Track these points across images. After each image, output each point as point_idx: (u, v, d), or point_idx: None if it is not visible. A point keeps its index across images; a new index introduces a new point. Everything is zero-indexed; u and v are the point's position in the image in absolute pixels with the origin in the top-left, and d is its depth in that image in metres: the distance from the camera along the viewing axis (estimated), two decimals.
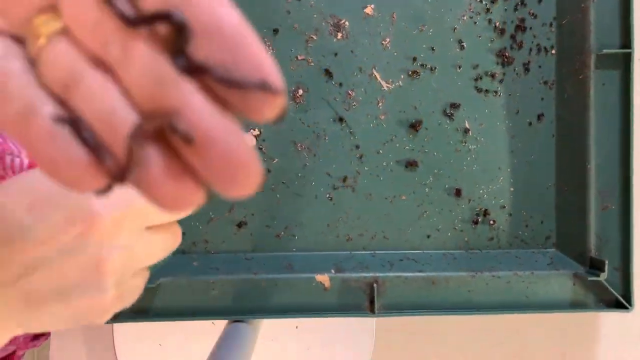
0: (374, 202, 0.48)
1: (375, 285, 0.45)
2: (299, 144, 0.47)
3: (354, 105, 0.47)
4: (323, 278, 0.45)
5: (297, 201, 0.47)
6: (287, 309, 0.45)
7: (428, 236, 0.48)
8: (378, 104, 0.48)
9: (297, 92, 0.47)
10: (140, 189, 0.13)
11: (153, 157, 0.12)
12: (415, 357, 0.93)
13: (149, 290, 0.44)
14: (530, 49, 0.48)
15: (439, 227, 0.48)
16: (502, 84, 0.48)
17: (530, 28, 0.48)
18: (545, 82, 0.48)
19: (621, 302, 0.45)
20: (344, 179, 0.48)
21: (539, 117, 0.48)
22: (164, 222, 0.26)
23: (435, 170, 0.48)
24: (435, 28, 0.47)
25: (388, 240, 0.48)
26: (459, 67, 0.48)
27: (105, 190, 0.13)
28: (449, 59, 0.48)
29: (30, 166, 0.32)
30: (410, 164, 0.48)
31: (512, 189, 0.49)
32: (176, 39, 0.12)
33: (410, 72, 0.47)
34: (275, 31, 0.47)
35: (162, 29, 0.12)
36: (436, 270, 0.46)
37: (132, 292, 0.26)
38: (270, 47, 0.47)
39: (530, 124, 0.48)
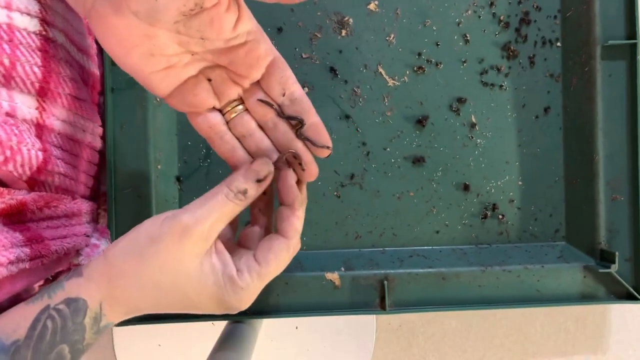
0: (382, 199, 0.48)
1: (385, 282, 0.45)
2: None
3: (360, 102, 0.47)
4: (333, 276, 0.45)
5: None
6: (297, 308, 0.45)
7: (437, 232, 0.48)
8: (384, 100, 0.47)
9: None
10: (278, 178, 0.32)
11: (284, 167, 0.32)
12: (416, 357, 0.93)
13: None
14: (535, 42, 0.48)
15: (447, 223, 0.48)
16: (508, 78, 0.48)
17: (535, 21, 0.48)
18: (551, 75, 0.48)
19: (632, 294, 0.45)
20: (352, 177, 0.48)
21: (546, 110, 0.48)
22: None
23: (443, 166, 0.48)
24: (440, 23, 0.47)
25: (397, 237, 0.48)
26: (464, 62, 0.47)
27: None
28: (454, 54, 0.47)
29: (44, 161, 0.33)
30: (418, 160, 0.48)
31: (520, 183, 0.48)
32: (299, 126, 0.31)
33: (415, 68, 0.47)
34: (280, 30, 0.47)
35: (293, 121, 0.31)
36: (446, 265, 0.46)
37: None
38: (275, 46, 0.46)
39: (537, 117, 0.48)
